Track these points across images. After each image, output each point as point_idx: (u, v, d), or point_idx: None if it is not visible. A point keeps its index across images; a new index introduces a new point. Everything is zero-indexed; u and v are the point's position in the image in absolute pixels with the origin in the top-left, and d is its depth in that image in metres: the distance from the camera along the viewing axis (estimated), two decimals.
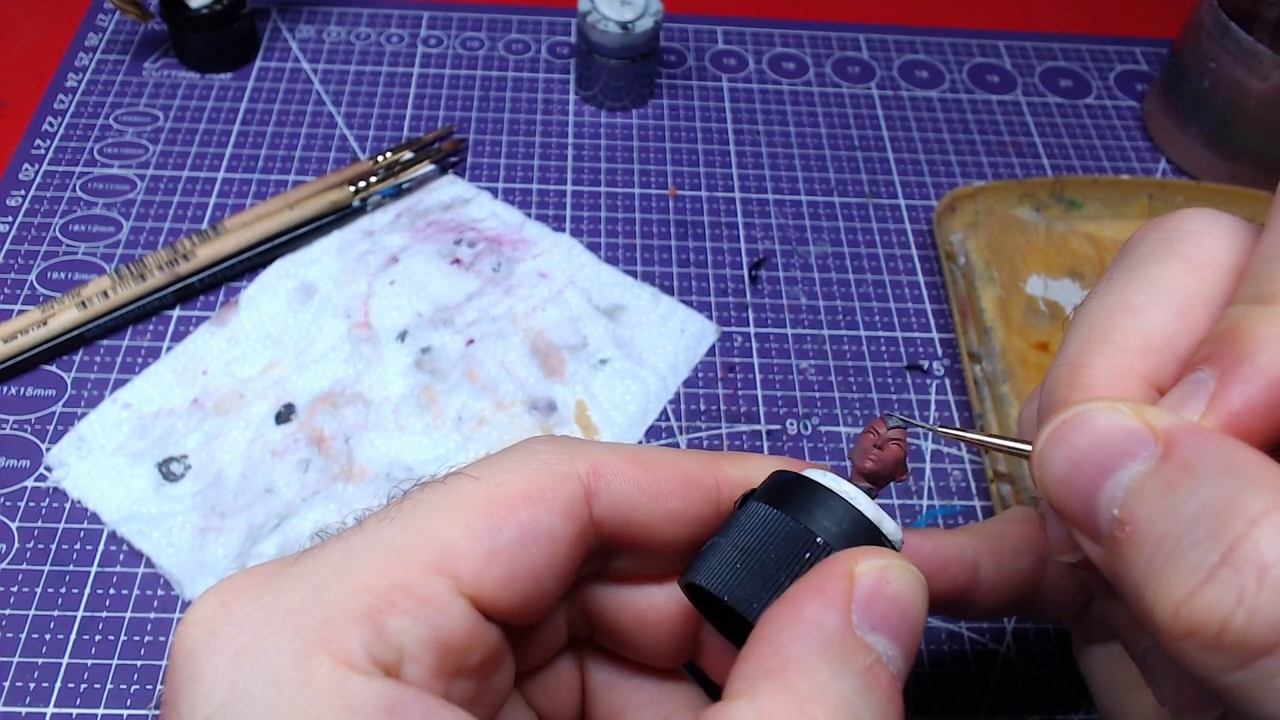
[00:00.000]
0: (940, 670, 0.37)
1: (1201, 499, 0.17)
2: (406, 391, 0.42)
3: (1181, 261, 0.22)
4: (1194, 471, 0.17)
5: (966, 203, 0.49)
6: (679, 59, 0.58)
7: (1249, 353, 0.19)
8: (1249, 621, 0.16)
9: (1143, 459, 0.18)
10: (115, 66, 0.55)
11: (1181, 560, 0.17)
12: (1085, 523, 0.19)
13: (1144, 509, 0.18)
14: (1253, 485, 0.17)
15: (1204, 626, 0.16)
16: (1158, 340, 0.21)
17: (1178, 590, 0.17)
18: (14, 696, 0.34)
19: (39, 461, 0.39)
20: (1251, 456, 0.17)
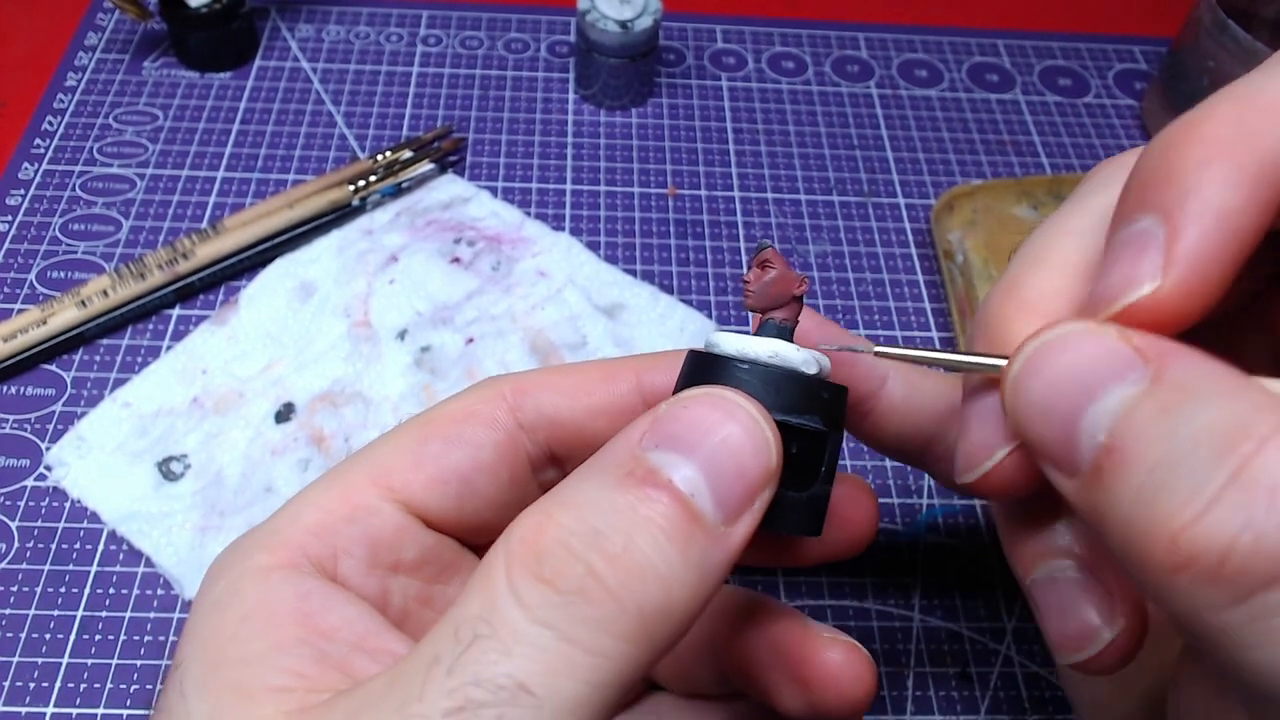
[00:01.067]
0: (940, 670, 0.37)
1: (1203, 420, 0.16)
2: (406, 390, 0.42)
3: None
4: (1192, 393, 0.16)
5: (964, 201, 0.49)
6: (678, 58, 0.58)
7: (1190, 188, 0.17)
8: (1255, 548, 0.14)
9: (1132, 381, 0.17)
10: (115, 66, 0.55)
11: (1180, 484, 0.15)
12: (1062, 453, 0.18)
13: (1136, 433, 0.16)
14: (1256, 407, 0.15)
15: (1205, 554, 0.15)
16: (1094, 264, 0.21)
17: (1177, 516, 0.15)
18: (14, 696, 0.34)
19: (39, 461, 0.39)
20: (1245, 380, 0.16)
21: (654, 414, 0.19)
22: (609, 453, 0.19)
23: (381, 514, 0.23)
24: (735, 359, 0.21)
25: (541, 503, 0.19)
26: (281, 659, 0.19)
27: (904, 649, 0.37)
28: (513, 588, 0.17)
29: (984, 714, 0.36)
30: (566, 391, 0.25)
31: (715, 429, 0.19)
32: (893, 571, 0.39)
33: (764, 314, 0.23)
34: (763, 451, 0.19)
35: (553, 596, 0.17)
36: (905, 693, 0.36)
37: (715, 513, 0.18)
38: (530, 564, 0.17)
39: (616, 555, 0.17)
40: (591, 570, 0.17)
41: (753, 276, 0.23)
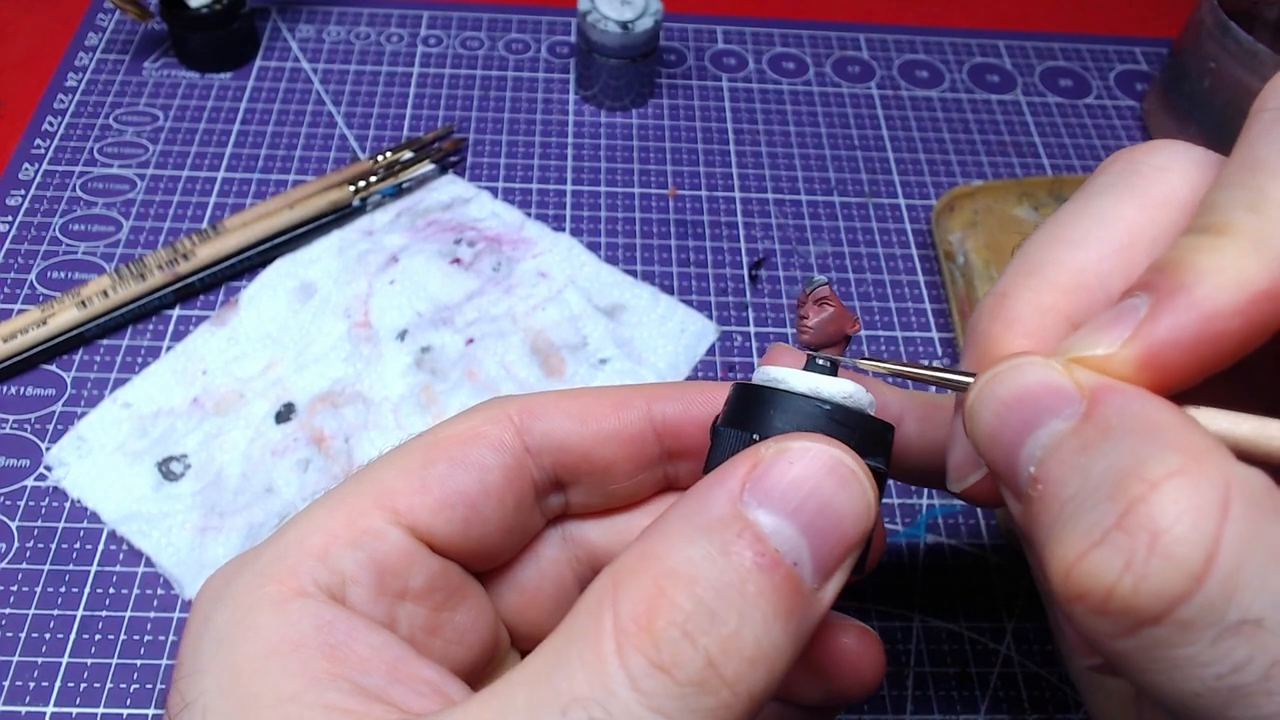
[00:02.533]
0: (940, 670, 0.37)
1: (1109, 460, 0.16)
2: (406, 391, 0.42)
3: (1133, 197, 0.21)
4: (1109, 432, 0.17)
5: (965, 202, 0.49)
6: (679, 59, 0.58)
7: (1186, 283, 0.18)
8: (1135, 589, 0.15)
9: (1064, 417, 0.18)
10: (115, 66, 0.55)
11: (1079, 521, 0.16)
12: (1008, 478, 0.18)
13: (1057, 468, 0.17)
14: (1162, 447, 0.16)
15: (1091, 591, 0.16)
16: (1090, 278, 0.21)
17: (1070, 551, 0.16)
18: (14, 696, 0.34)
19: (39, 461, 0.39)
20: (1173, 418, 0.17)
21: (754, 459, 0.19)
22: (710, 502, 0.19)
23: (387, 539, 0.22)
24: (814, 399, 0.21)
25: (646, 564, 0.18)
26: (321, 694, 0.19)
27: (904, 649, 0.37)
28: (628, 672, 0.17)
29: (984, 714, 0.36)
30: (575, 416, 0.24)
31: (821, 490, 0.19)
32: (893, 572, 0.39)
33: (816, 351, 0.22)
34: (863, 514, 0.19)
35: (671, 687, 0.17)
36: (905, 693, 0.36)
37: (813, 578, 0.18)
38: (647, 649, 0.17)
39: (731, 641, 0.17)
40: (710, 661, 0.17)
41: (810, 313, 0.22)
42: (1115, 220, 0.21)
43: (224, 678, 0.19)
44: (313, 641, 0.20)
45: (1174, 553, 0.15)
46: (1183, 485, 0.15)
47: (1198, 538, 0.15)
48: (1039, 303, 0.21)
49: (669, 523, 0.19)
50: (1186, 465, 0.16)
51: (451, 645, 0.23)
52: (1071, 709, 0.36)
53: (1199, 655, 0.15)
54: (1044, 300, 0.21)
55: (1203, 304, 0.18)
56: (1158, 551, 0.15)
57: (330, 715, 0.18)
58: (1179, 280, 0.18)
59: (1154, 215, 0.21)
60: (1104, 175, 0.22)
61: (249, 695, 0.19)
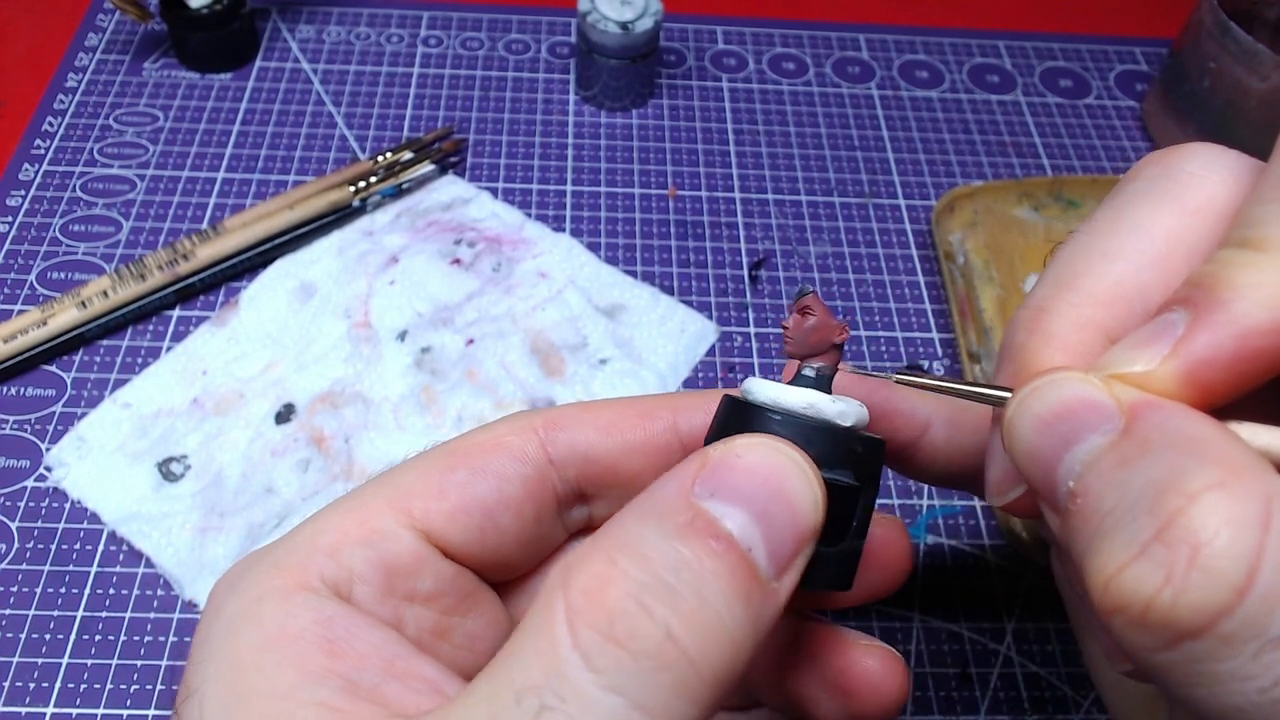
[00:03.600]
0: (940, 670, 0.37)
1: (1149, 474, 0.16)
2: (406, 391, 0.42)
3: (1170, 204, 0.21)
4: (1149, 447, 0.17)
5: (965, 202, 0.49)
6: (679, 59, 0.58)
7: (1224, 299, 0.18)
8: (1175, 602, 0.15)
9: (1103, 432, 0.18)
10: (115, 66, 0.55)
11: (1118, 535, 0.16)
12: (1047, 493, 0.19)
13: (1096, 483, 0.17)
14: (1202, 461, 0.16)
15: (1130, 604, 0.16)
16: (1128, 289, 0.20)
17: (1109, 564, 0.16)
18: (14, 696, 0.34)
19: (39, 461, 0.39)
20: (1211, 431, 0.17)
21: (704, 458, 0.19)
22: (660, 496, 0.19)
23: (399, 540, 0.22)
24: (770, 409, 0.21)
25: (597, 547, 0.18)
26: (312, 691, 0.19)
27: (904, 649, 0.37)
28: (580, 649, 0.16)
29: (984, 714, 0.36)
30: (601, 428, 0.24)
31: (770, 480, 0.19)
32: None
33: (803, 361, 0.22)
34: (812, 507, 0.19)
35: (626, 661, 0.16)
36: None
37: (768, 567, 0.18)
38: (599, 622, 0.17)
39: (690, 613, 0.17)
40: (670, 633, 0.16)
41: (793, 323, 0.22)
42: (1152, 229, 0.21)
43: (223, 667, 0.19)
44: (311, 635, 0.20)
45: (1214, 566, 0.15)
46: (1222, 498, 0.15)
47: (1239, 550, 0.15)
48: (1076, 317, 0.21)
49: (620, 516, 0.19)
50: (1226, 478, 0.15)
51: (460, 650, 0.23)
52: (1071, 709, 0.36)
53: (1241, 669, 0.15)
54: (1081, 314, 0.21)
55: (1241, 320, 0.18)
56: (1198, 565, 0.15)
57: (320, 713, 0.18)
58: (1217, 296, 0.18)
59: (1191, 223, 0.20)
60: (1138, 180, 0.22)
61: (243, 686, 0.19)
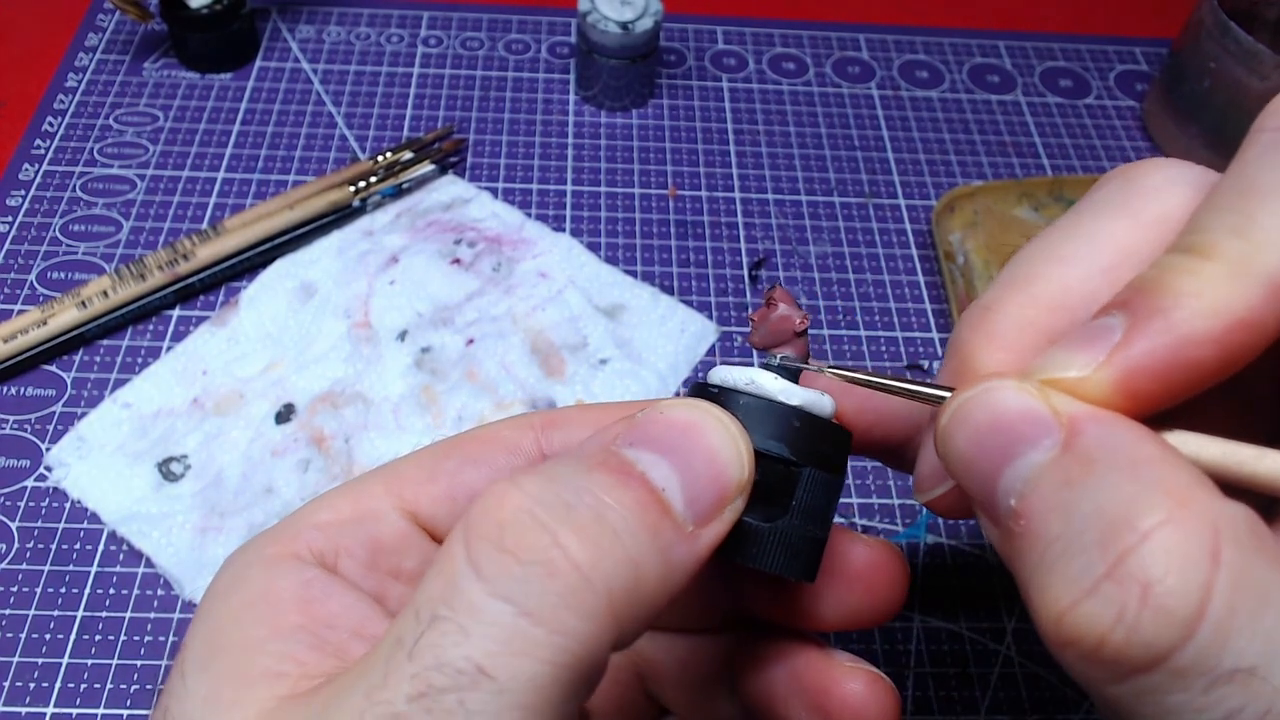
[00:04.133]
0: (940, 670, 0.37)
1: (1096, 500, 0.16)
2: (406, 391, 0.42)
3: (1126, 216, 0.21)
4: (1093, 467, 0.17)
5: (965, 202, 0.49)
6: (679, 59, 0.58)
7: (1163, 306, 0.18)
8: (1128, 641, 0.15)
9: (1044, 447, 0.17)
10: (115, 66, 0.55)
11: (1068, 566, 0.16)
12: (986, 506, 0.18)
13: (1039, 504, 0.17)
14: (1150, 490, 0.16)
15: (1083, 640, 0.16)
16: (1075, 296, 0.20)
17: (1061, 598, 0.16)
18: (14, 696, 0.34)
19: (39, 461, 0.39)
20: (1156, 451, 0.17)
21: (630, 417, 0.20)
22: (584, 446, 0.19)
23: (387, 520, 0.23)
24: (710, 384, 0.22)
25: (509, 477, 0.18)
26: (279, 644, 0.19)
27: (904, 649, 0.37)
28: (472, 560, 0.17)
29: (984, 714, 0.36)
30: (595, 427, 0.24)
31: (689, 433, 0.19)
32: None
33: (768, 351, 0.23)
34: (734, 461, 0.19)
35: (514, 568, 0.16)
36: (905, 693, 0.36)
37: (685, 511, 0.19)
38: (491, 533, 0.17)
39: (584, 528, 0.17)
40: (557, 541, 0.17)
41: (759, 315, 0.23)
42: (1106, 238, 0.21)
43: (207, 626, 0.20)
44: (289, 595, 0.20)
45: (1166, 604, 0.15)
46: (1173, 534, 0.15)
47: (1189, 588, 0.15)
48: (1021, 317, 0.21)
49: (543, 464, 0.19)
50: (1175, 512, 0.15)
51: None
52: (1071, 709, 0.36)
53: (1191, 702, 0.15)
54: (1026, 315, 0.21)
55: (1178, 328, 0.17)
56: (1150, 603, 0.15)
57: (282, 663, 0.19)
58: (1156, 303, 0.18)
59: (1146, 235, 0.20)
60: (1101, 191, 0.22)
61: (220, 640, 0.20)
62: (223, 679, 0.19)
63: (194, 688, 0.19)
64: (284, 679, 0.19)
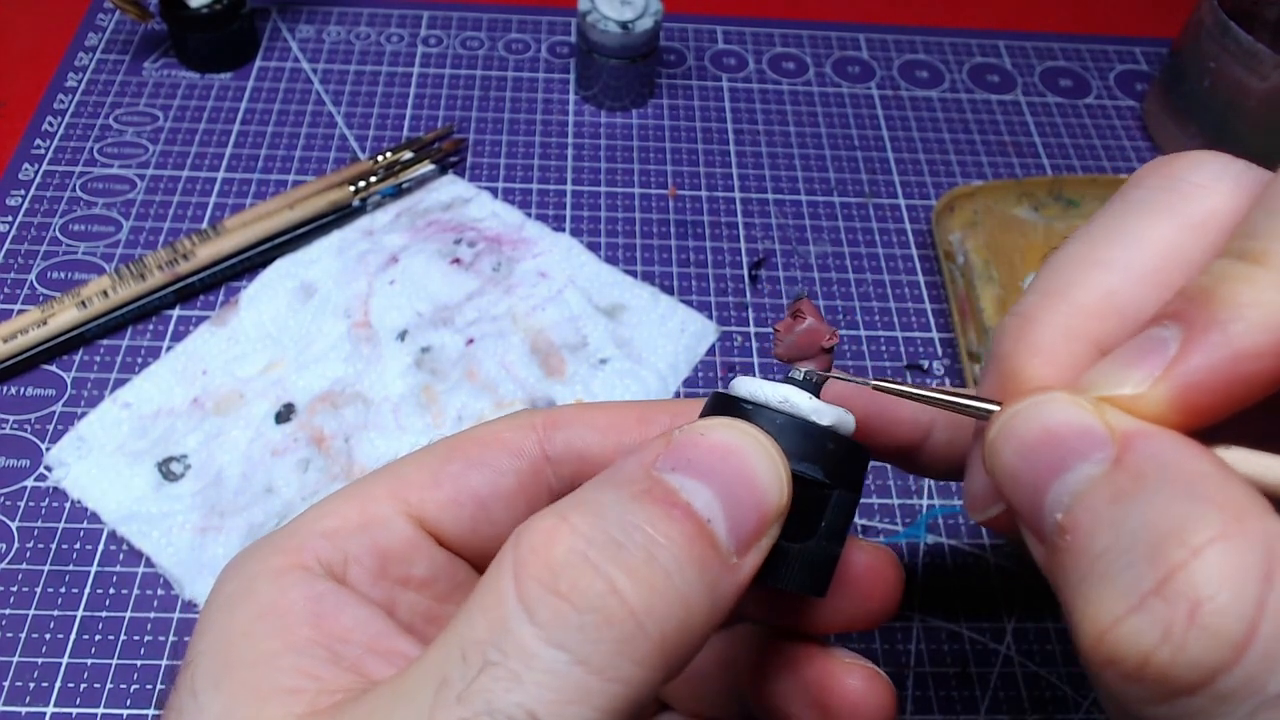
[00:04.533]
0: (940, 670, 0.37)
1: (1146, 515, 0.16)
2: (406, 391, 0.42)
3: (1171, 217, 0.20)
4: (1145, 482, 0.16)
5: (965, 202, 0.49)
6: (679, 59, 0.58)
7: (1220, 319, 0.17)
8: (1173, 660, 0.15)
9: (1095, 461, 0.17)
10: (115, 66, 0.55)
11: (1114, 582, 0.15)
12: (1031, 521, 0.18)
13: (1087, 518, 0.16)
14: (1203, 506, 0.15)
15: (1126, 659, 0.15)
16: (1121, 302, 0.20)
17: (1104, 615, 0.15)
18: (14, 696, 0.34)
19: (39, 461, 0.39)
20: (1210, 468, 0.16)
21: (669, 437, 0.19)
22: (622, 469, 0.19)
23: (394, 526, 0.22)
24: (744, 400, 0.21)
25: (551, 508, 0.18)
26: (294, 659, 0.19)
27: (904, 649, 0.37)
28: (524, 602, 0.16)
29: (984, 714, 0.36)
30: (599, 428, 0.24)
31: (732, 457, 0.19)
32: None
33: (792, 364, 0.22)
34: (775, 487, 0.19)
35: (569, 615, 0.16)
36: (905, 693, 0.36)
37: (728, 541, 0.18)
38: (544, 576, 0.16)
39: (637, 569, 0.17)
40: (613, 587, 0.16)
41: (784, 326, 0.22)
42: (1149, 241, 0.20)
43: (216, 639, 0.20)
44: (300, 609, 0.20)
45: (1215, 624, 0.14)
46: (1226, 551, 0.15)
47: (1240, 608, 0.14)
48: (1065, 327, 0.20)
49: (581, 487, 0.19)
50: (1228, 528, 0.15)
51: None
52: (1071, 709, 0.36)
53: None
54: (1071, 325, 0.20)
55: (1236, 342, 0.17)
56: (1198, 622, 0.15)
57: (297, 678, 0.19)
58: (1212, 314, 0.17)
59: (1191, 237, 0.19)
60: (1139, 189, 0.21)
61: (231, 655, 0.19)
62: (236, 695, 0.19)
63: (206, 704, 0.19)
64: (301, 695, 0.18)
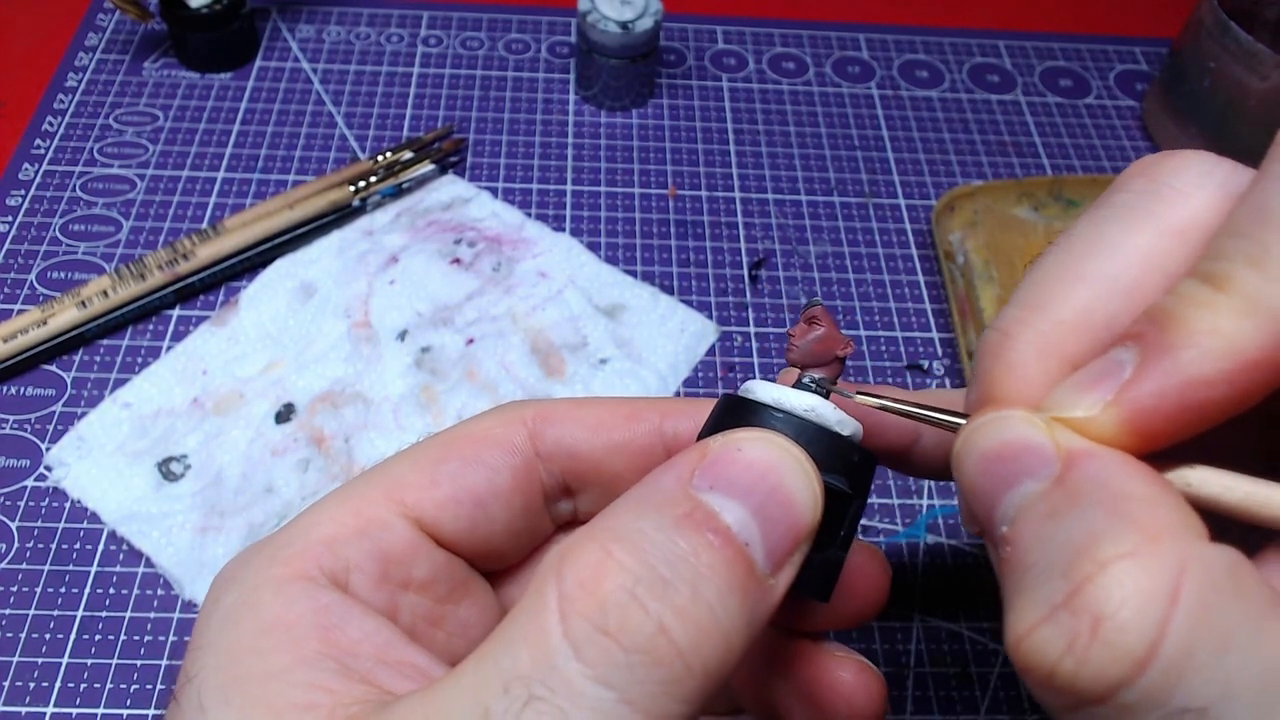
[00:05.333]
0: (940, 670, 0.37)
1: (1071, 531, 0.16)
2: (406, 391, 0.42)
3: (1151, 223, 0.20)
4: (1078, 500, 0.16)
5: (965, 202, 0.49)
6: (679, 59, 0.58)
7: (1174, 345, 0.17)
8: (1075, 671, 0.15)
9: (1039, 478, 0.17)
10: (115, 66, 0.55)
11: (1034, 593, 0.16)
12: (988, 531, 0.19)
13: (1025, 532, 0.17)
14: (1123, 524, 0.16)
15: (1037, 666, 0.16)
16: (1097, 317, 0.19)
17: (1021, 623, 0.16)
18: (14, 696, 0.34)
19: (39, 461, 0.39)
20: (1142, 490, 0.16)
21: (704, 450, 0.19)
22: (658, 486, 0.19)
23: (393, 529, 0.22)
24: (771, 407, 0.21)
25: (592, 536, 0.18)
26: (306, 673, 0.19)
27: (904, 649, 0.37)
28: (571, 638, 0.16)
29: (984, 714, 0.36)
30: (588, 425, 0.24)
31: (771, 474, 0.19)
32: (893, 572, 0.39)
33: (803, 370, 0.22)
34: (809, 504, 0.19)
35: (617, 654, 0.16)
36: (905, 693, 0.36)
37: (765, 563, 0.18)
38: (592, 613, 0.16)
39: (684, 608, 0.17)
40: (662, 627, 0.16)
41: (798, 331, 0.22)
42: (1127, 251, 0.20)
43: (221, 654, 0.20)
44: (307, 622, 0.20)
45: (1115, 639, 0.15)
46: (1131, 569, 0.15)
47: (1142, 624, 0.15)
48: (1040, 344, 0.20)
49: (618, 504, 0.19)
50: (1140, 546, 0.15)
51: (454, 638, 0.23)
52: None
53: None
54: (1046, 342, 0.20)
55: (1187, 369, 0.17)
56: (1099, 636, 0.15)
57: (311, 693, 0.18)
58: (1167, 340, 0.17)
59: (1171, 245, 0.19)
60: (1122, 193, 0.21)
61: (240, 670, 0.19)
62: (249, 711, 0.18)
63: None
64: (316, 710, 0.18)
